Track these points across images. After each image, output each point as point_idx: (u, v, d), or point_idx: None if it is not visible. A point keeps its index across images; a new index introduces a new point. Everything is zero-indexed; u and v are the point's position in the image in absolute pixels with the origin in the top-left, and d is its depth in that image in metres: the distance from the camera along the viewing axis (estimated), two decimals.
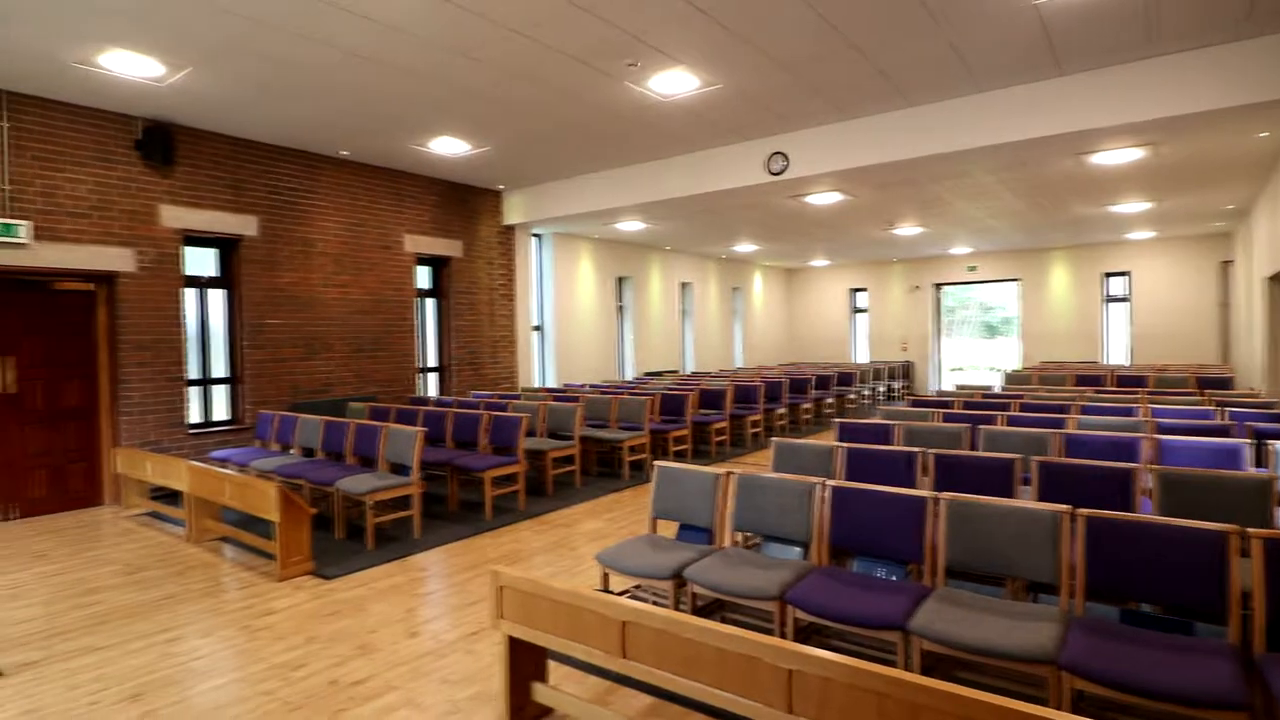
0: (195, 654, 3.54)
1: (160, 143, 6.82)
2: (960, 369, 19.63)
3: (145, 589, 4.48)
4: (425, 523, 5.85)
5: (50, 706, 3.05)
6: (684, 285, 16.17)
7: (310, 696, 3.10)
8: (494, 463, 6.11)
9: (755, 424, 10.11)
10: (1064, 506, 2.94)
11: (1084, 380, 9.90)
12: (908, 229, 13.13)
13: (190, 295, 7.34)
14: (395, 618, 3.96)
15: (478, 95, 6.36)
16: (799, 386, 11.96)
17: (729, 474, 3.79)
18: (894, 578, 3.27)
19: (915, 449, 4.28)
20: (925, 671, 2.72)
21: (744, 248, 15.58)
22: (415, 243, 9.34)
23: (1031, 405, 6.81)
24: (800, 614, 3.01)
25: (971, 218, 12.03)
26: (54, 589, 4.51)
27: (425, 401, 8.81)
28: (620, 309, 14.28)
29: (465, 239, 10.03)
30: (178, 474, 5.57)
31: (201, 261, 7.53)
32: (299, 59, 5.48)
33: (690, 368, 16.42)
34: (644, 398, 8.03)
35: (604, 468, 8.12)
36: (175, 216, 7.04)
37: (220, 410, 7.66)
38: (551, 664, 3.25)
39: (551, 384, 12.18)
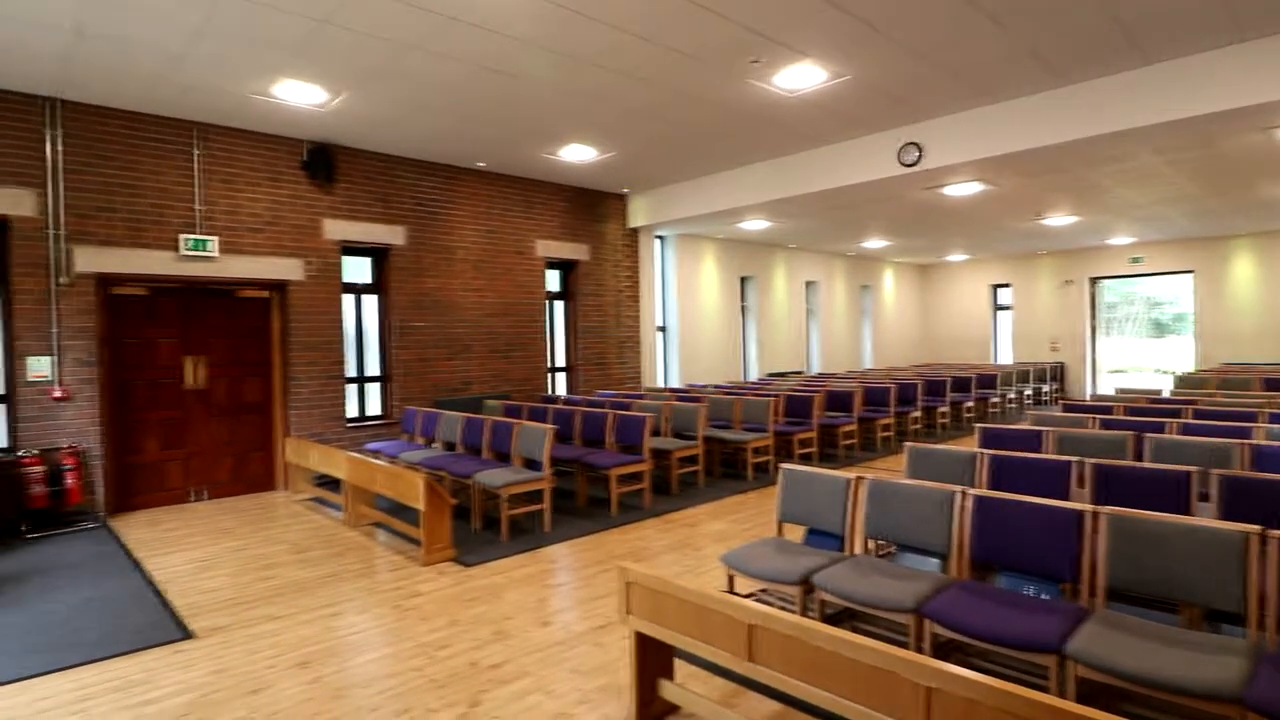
0: (353, 629, 3.87)
1: (323, 162, 7.51)
2: (1122, 371, 17.83)
3: (311, 567, 4.96)
4: (555, 517, 6.07)
5: (235, 668, 3.44)
6: (809, 284, 15.77)
7: (453, 675, 3.30)
8: (620, 461, 6.24)
9: (886, 428, 9.70)
10: (1254, 527, 2.61)
11: (1274, 385, 8.73)
12: (1059, 219, 12.11)
13: (348, 301, 8.04)
14: (528, 606, 4.14)
15: (606, 102, 6.52)
16: (935, 389, 11.33)
17: (859, 478, 3.66)
18: (1044, 596, 3.03)
19: (1070, 458, 3.95)
20: (1081, 701, 2.50)
21: (874, 244, 14.97)
22: (545, 247, 9.72)
23: (1208, 412, 6.08)
24: (939, 629, 2.86)
25: (1135, 205, 10.91)
26: (239, 563, 5.08)
27: (555, 400, 9.14)
28: (744, 309, 14.13)
29: (592, 243, 10.32)
30: (337, 464, 6.11)
31: (357, 269, 8.23)
32: (440, 77, 5.86)
33: (816, 369, 15.99)
34: (768, 399, 7.92)
35: (727, 469, 8.07)
36: (336, 229, 7.73)
37: (373, 406, 8.33)
38: (677, 662, 3.28)
39: (675, 384, 12.27)
